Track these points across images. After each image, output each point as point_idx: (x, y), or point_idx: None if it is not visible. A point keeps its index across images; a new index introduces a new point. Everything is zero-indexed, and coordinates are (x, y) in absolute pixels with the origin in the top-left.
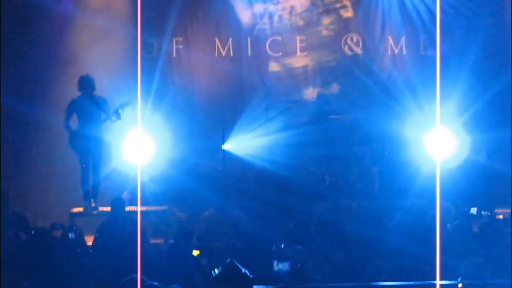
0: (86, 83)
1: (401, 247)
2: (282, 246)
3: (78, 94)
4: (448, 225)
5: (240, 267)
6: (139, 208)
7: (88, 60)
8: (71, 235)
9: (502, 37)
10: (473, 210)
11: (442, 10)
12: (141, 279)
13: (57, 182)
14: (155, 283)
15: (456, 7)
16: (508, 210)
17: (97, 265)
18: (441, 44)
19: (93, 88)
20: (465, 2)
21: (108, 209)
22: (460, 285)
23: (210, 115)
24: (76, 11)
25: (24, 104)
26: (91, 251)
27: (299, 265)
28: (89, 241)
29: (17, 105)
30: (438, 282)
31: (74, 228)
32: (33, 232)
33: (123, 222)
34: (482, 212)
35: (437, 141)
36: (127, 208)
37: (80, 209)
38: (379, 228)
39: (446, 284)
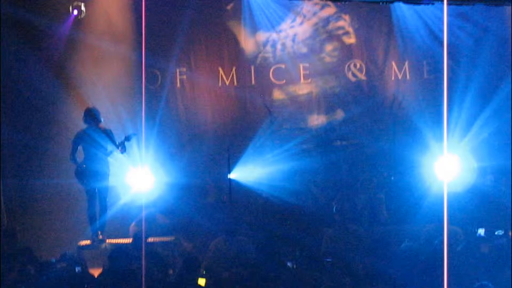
0: (92, 116)
1: (409, 273)
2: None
3: (84, 126)
4: (458, 248)
5: None
6: (144, 240)
7: (93, 91)
8: (77, 268)
9: (506, 63)
10: (481, 231)
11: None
12: None
13: (64, 215)
14: None
15: (459, 33)
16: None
17: None
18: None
19: (99, 120)
20: (469, 27)
21: (116, 241)
22: None
23: (216, 145)
24: (81, 42)
25: (28, 135)
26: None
27: None
28: (96, 273)
29: (21, 136)
30: None
31: (81, 261)
32: (40, 265)
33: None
34: (496, 233)
35: (444, 165)
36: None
37: (88, 242)
38: (386, 254)
39: None
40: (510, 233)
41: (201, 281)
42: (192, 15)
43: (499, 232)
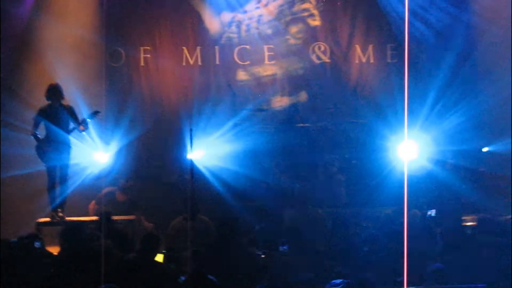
0: (54, 92)
1: (368, 254)
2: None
3: (47, 102)
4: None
5: (207, 274)
6: (104, 218)
7: (55, 68)
8: (37, 244)
9: (471, 48)
10: (431, 213)
11: (410, 20)
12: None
13: (23, 192)
14: None
15: (425, 17)
16: (472, 217)
17: (63, 275)
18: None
19: (61, 96)
20: (435, 12)
21: (75, 218)
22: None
23: (178, 124)
24: (42, 19)
25: None
26: (57, 260)
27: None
28: (55, 251)
29: None
30: None
31: (40, 237)
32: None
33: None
34: (428, 213)
35: (405, 150)
36: (93, 218)
37: (47, 219)
38: (346, 236)
39: None
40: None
41: (159, 257)
42: None
43: (431, 213)
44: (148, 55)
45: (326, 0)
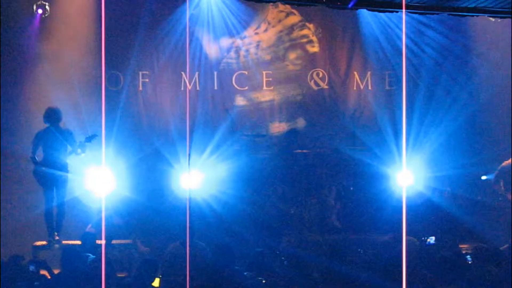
0: (52, 115)
1: (365, 281)
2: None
3: (45, 126)
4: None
5: None
6: (103, 242)
7: (54, 92)
8: (31, 267)
9: (466, 78)
10: (431, 240)
11: (408, 49)
12: None
13: (19, 215)
14: None
15: (422, 44)
16: (467, 246)
17: None
18: (406, 81)
19: (59, 120)
20: (431, 43)
21: (72, 242)
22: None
23: (176, 149)
24: (41, 45)
25: None
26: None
27: None
28: (50, 274)
29: None
30: None
31: (36, 261)
32: None
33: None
34: (428, 240)
35: (403, 177)
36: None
37: (44, 242)
38: (343, 262)
39: None
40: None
41: (156, 282)
42: (156, 18)
43: (431, 240)
44: (147, 80)
45: (325, 27)
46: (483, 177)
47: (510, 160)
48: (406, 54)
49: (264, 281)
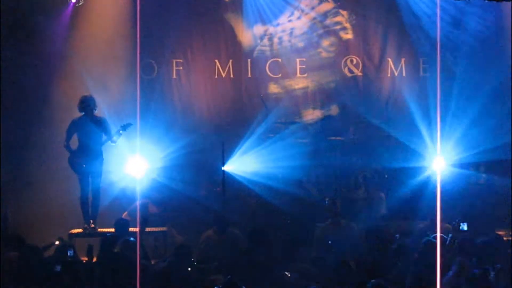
0: (87, 104)
1: (402, 268)
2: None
3: (79, 114)
4: (447, 243)
5: (239, 285)
6: (138, 229)
7: (89, 81)
8: (70, 252)
9: (502, 63)
10: (464, 226)
11: (443, 35)
12: None
13: (56, 203)
14: None
15: (458, 30)
16: (505, 232)
17: (97, 284)
18: (441, 67)
19: (94, 108)
20: (468, 29)
21: (107, 230)
22: None
23: (210, 137)
24: (76, 33)
25: (23, 124)
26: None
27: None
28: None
29: (17, 125)
30: None
31: (73, 247)
32: (30, 250)
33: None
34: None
35: (437, 163)
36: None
37: (80, 230)
38: (379, 250)
39: None
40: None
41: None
42: (190, 6)
43: (464, 226)
44: (180, 68)
45: (358, 14)
46: None
47: None
48: (441, 40)
49: (289, 275)
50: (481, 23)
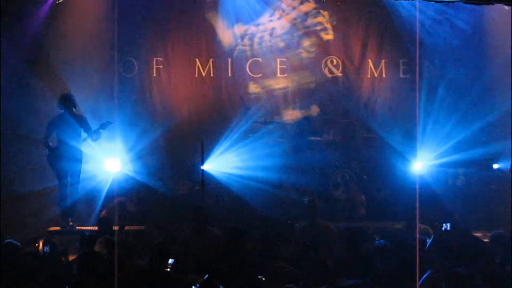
0: (67, 101)
1: (380, 267)
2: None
3: (59, 111)
4: (427, 245)
5: (217, 284)
6: (117, 228)
7: (68, 79)
8: (46, 248)
9: (482, 64)
10: (447, 226)
11: (421, 35)
12: None
13: (34, 201)
14: None
15: (437, 33)
16: (482, 234)
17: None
18: (420, 68)
19: (73, 106)
20: (445, 30)
21: (85, 228)
22: None
23: (190, 135)
24: (54, 30)
25: (2, 119)
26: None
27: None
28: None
29: None
30: None
31: (50, 242)
32: (8, 248)
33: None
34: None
35: (416, 164)
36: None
37: (57, 228)
38: (356, 250)
39: None
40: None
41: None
42: (171, 5)
43: (447, 227)
44: (161, 66)
45: (339, 14)
46: (495, 166)
47: None
48: (421, 42)
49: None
50: (463, 21)
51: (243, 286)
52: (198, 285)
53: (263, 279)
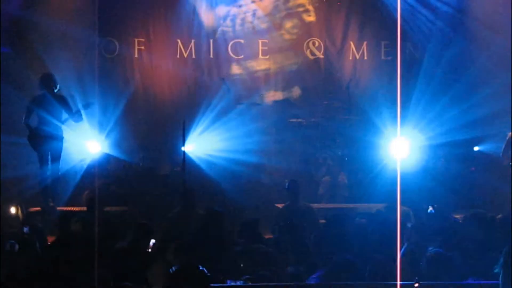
0: (48, 80)
1: (361, 250)
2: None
3: (40, 91)
4: (408, 225)
5: (197, 265)
6: (97, 208)
7: (48, 59)
8: (25, 229)
9: (462, 47)
10: (431, 209)
11: (403, 17)
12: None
13: (15, 180)
14: None
15: (420, 16)
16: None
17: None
18: (402, 50)
19: (55, 85)
20: (426, 13)
21: (66, 208)
22: (416, 284)
23: (171, 116)
24: (33, 10)
25: None
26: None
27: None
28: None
29: None
30: (398, 282)
31: (30, 223)
32: None
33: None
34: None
35: (398, 146)
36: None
37: (38, 208)
38: (340, 231)
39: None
40: None
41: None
42: None
43: (431, 210)
44: (142, 47)
45: None
46: (476, 148)
47: None
48: (403, 24)
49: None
50: (445, 2)
51: (224, 268)
52: (177, 266)
53: (241, 265)
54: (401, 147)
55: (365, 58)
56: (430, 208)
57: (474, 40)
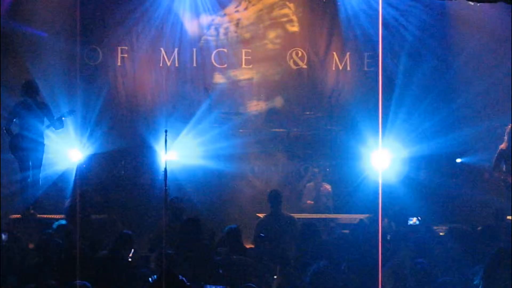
0: (29, 88)
1: (342, 260)
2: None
3: (22, 98)
4: (388, 237)
5: (177, 274)
6: (79, 216)
7: (32, 67)
8: (4, 236)
9: (446, 57)
10: (412, 221)
11: (386, 29)
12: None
13: None
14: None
15: (401, 28)
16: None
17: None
18: (384, 62)
19: (37, 92)
20: (408, 25)
21: (46, 216)
22: None
23: (153, 125)
24: (17, 18)
25: None
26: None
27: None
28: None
29: None
30: None
31: (8, 230)
32: None
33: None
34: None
35: (379, 157)
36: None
37: (18, 216)
38: (319, 242)
39: None
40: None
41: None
42: None
43: (416, 221)
44: (126, 55)
45: (305, 6)
46: (458, 160)
47: (505, 143)
48: (385, 36)
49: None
50: (426, 13)
51: (205, 278)
52: (157, 276)
53: (221, 271)
54: (383, 159)
55: (348, 68)
56: (414, 220)
57: (457, 51)
